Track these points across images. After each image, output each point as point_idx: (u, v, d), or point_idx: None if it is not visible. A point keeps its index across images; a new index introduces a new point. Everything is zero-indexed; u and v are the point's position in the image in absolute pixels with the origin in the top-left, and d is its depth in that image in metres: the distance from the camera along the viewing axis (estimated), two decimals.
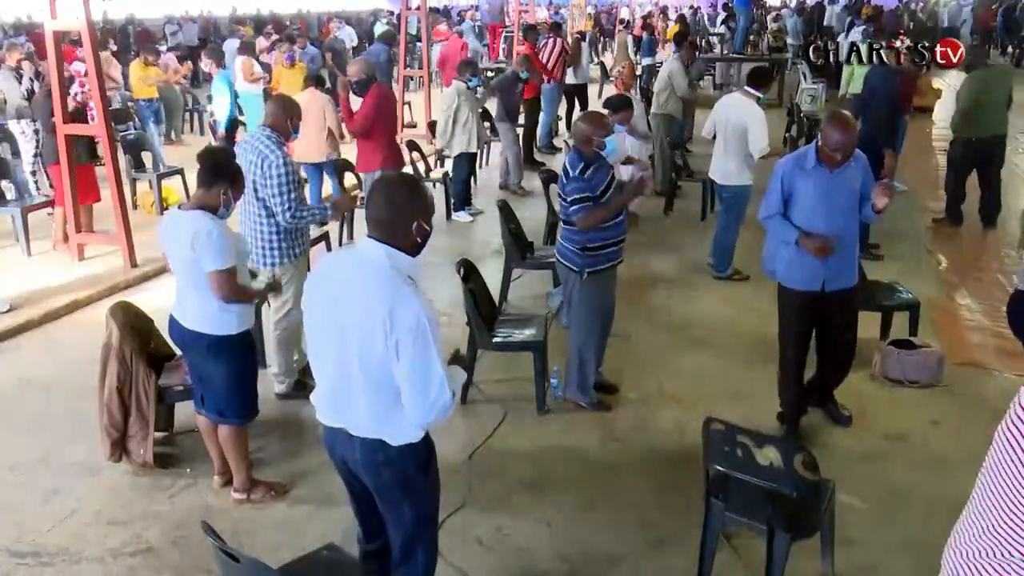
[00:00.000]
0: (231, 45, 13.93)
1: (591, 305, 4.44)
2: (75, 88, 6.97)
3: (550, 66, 10.87)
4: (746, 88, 6.34)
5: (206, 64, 9.55)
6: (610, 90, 9.27)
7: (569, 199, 4.22)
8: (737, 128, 6.17)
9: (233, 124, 8.97)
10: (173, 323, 3.60)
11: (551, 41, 11.16)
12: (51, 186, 7.95)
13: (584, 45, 12.35)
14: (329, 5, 32.74)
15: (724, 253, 6.62)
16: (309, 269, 4.48)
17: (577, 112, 11.12)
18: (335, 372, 2.49)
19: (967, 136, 7.62)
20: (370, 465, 2.51)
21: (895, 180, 8.74)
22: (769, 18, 21.60)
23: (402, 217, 2.40)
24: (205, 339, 3.51)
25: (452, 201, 8.46)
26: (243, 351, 3.62)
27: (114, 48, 13.98)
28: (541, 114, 11.09)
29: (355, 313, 2.37)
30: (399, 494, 2.56)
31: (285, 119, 4.46)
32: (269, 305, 4.45)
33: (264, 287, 3.84)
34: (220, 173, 3.45)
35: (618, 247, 4.37)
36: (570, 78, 11.77)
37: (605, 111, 5.54)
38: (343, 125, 7.47)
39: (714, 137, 6.53)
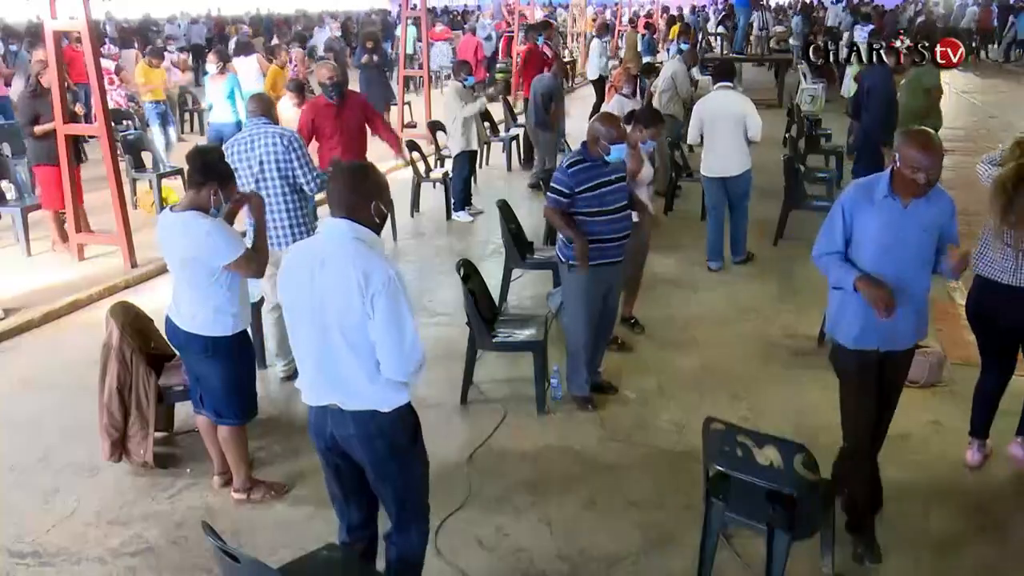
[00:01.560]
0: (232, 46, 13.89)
1: (574, 299, 4.48)
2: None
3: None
4: (724, 84, 6.68)
5: (215, 65, 9.31)
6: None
7: (550, 185, 4.33)
8: (737, 119, 6.45)
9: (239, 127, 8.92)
10: (169, 324, 3.59)
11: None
12: (32, 188, 7.74)
13: (596, 43, 12.45)
14: (327, 5, 32.75)
15: (743, 238, 6.91)
16: None
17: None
18: (318, 348, 2.60)
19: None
20: (365, 437, 2.62)
21: None
22: (771, 19, 21.56)
23: (362, 196, 2.59)
24: (201, 340, 3.50)
25: (452, 201, 8.46)
26: (240, 351, 3.62)
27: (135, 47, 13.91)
28: None
29: (330, 282, 2.52)
30: (392, 465, 2.69)
31: (272, 111, 4.90)
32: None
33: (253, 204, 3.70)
34: (210, 173, 3.43)
35: (607, 246, 4.34)
36: (592, 74, 11.89)
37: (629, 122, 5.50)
38: None
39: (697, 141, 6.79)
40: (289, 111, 7.35)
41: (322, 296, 2.54)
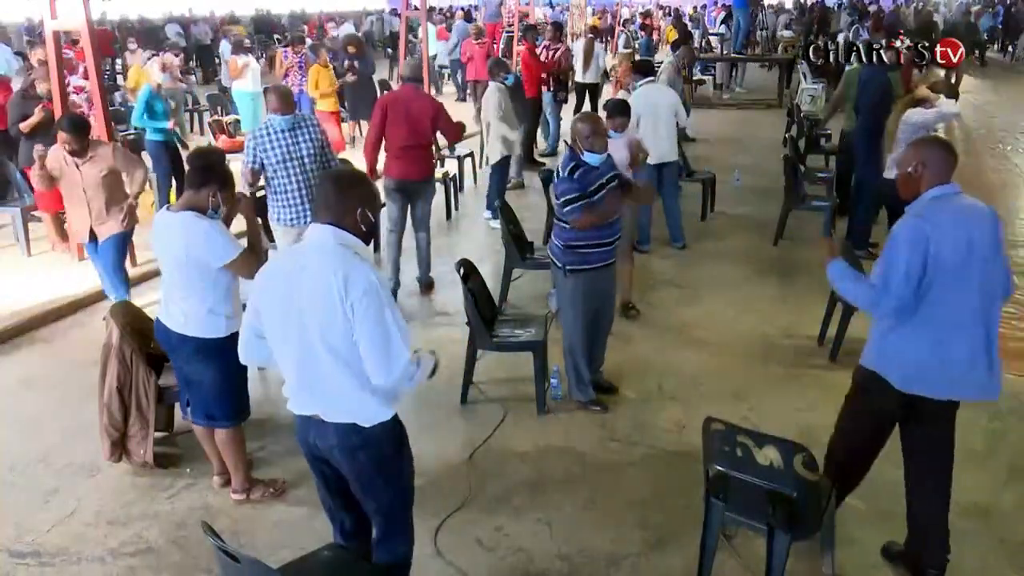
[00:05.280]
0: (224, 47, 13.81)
1: (572, 303, 4.45)
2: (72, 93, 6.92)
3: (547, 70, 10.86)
4: (648, 80, 7.19)
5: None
6: (610, 91, 9.27)
7: (561, 200, 4.25)
8: (672, 108, 7.00)
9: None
10: (159, 326, 3.56)
11: (557, 46, 11.11)
12: (31, 188, 7.39)
13: (598, 44, 12.26)
14: (325, 5, 32.74)
15: (680, 223, 7.41)
16: None
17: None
18: (300, 359, 2.55)
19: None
20: (346, 450, 2.59)
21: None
22: (780, 21, 21.48)
23: (347, 202, 2.55)
24: (193, 342, 3.47)
25: (487, 203, 8.22)
26: (233, 353, 3.57)
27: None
28: (550, 119, 11.12)
29: (311, 291, 2.46)
30: (377, 476, 2.65)
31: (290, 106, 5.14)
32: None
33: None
34: (211, 174, 3.41)
35: (605, 249, 4.34)
36: (580, 76, 11.77)
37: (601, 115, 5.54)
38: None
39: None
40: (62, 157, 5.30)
41: (301, 306, 2.47)
